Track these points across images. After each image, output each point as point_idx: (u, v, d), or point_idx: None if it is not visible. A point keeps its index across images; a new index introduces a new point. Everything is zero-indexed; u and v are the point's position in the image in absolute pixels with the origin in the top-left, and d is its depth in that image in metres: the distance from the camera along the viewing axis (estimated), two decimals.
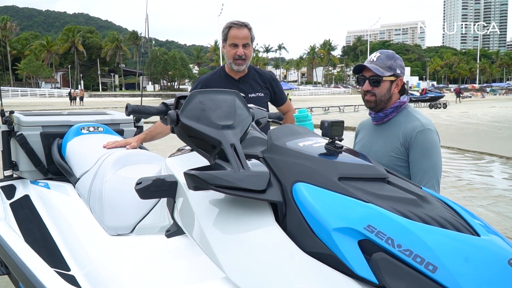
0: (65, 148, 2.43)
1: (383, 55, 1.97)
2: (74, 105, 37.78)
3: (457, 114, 22.32)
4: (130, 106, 1.35)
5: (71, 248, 1.79)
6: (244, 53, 2.55)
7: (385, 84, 1.95)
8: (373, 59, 1.97)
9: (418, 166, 1.88)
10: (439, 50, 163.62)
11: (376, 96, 1.96)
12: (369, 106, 2.01)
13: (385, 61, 1.94)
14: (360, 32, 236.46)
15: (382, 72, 1.92)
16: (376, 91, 1.95)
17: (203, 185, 1.03)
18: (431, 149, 1.88)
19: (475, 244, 0.94)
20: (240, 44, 2.53)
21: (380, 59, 1.95)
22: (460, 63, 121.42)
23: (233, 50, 2.54)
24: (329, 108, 26.25)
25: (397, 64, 1.97)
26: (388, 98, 1.97)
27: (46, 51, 76.56)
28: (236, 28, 2.53)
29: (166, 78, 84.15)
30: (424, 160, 1.87)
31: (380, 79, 1.93)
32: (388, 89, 1.96)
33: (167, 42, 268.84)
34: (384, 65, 1.94)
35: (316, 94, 75.87)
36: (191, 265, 1.19)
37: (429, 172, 1.86)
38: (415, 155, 1.89)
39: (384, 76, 1.93)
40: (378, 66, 1.94)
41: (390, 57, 1.96)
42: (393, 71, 1.95)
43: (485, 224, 1.07)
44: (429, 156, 1.88)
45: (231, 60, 2.57)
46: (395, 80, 1.97)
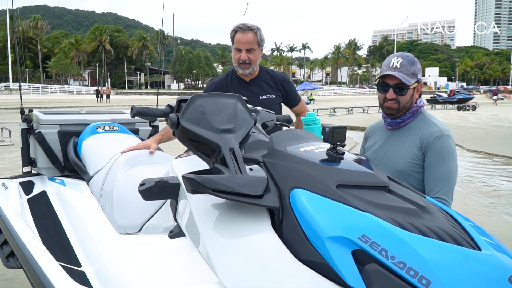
0: (80, 147, 2.48)
1: (405, 60, 1.88)
2: (101, 102, 38.57)
3: (487, 117, 21.69)
4: (135, 108, 1.35)
5: (82, 244, 1.82)
6: (248, 58, 2.52)
7: (410, 92, 1.89)
8: (396, 65, 1.87)
9: (433, 172, 1.83)
10: (469, 50, 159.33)
11: (399, 104, 1.89)
12: (390, 113, 1.94)
13: (408, 67, 1.86)
14: (387, 32, 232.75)
15: (409, 81, 1.85)
16: (400, 99, 1.88)
17: (200, 188, 1.03)
18: (447, 155, 1.84)
19: (474, 258, 0.90)
20: (244, 49, 2.51)
21: (404, 66, 1.86)
22: (492, 64, 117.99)
23: (237, 55, 2.54)
24: (352, 109, 25.92)
25: (418, 69, 1.91)
26: (410, 105, 1.92)
27: (75, 50, 78.66)
28: (240, 32, 2.51)
29: (191, 77, 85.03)
30: (439, 166, 1.82)
31: (407, 88, 1.87)
32: (411, 96, 1.91)
33: (192, 41, 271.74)
34: (409, 72, 1.86)
35: (341, 94, 75.15)
36: (188, 267, 1.19)
37: (444, 179, 1.81)
38: (430, 160, 1.84)
39: (411, 84, 1.86)
40: (403, 73, 1.85)
41: (412, 62, 1.89)
42: (416, 77, 1.89)
43: (491, 238, 1.04)
44: (444, 162, 1.82)
45: (236, 63, 2.57)
46: (417, 86, 1.92)
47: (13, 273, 3.10)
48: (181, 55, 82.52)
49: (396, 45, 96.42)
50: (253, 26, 2.52)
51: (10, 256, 2.20)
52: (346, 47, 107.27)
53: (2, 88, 50.82)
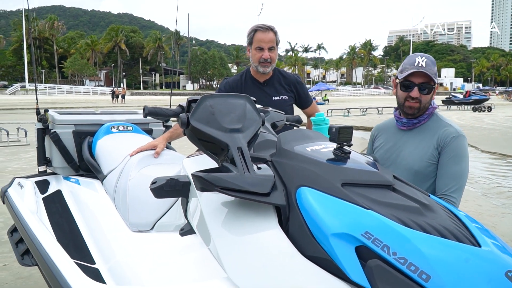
0: (95, 146, 2.53)
1: (429, 60, 1.88)
2: (116, 103, 38.91)
3: (502, 118, 21.34)
4: (147, 108, 1.39)
5: (96, 242, 1.87)
6: (270, 56, 2.57)
7: (432, 92, 1.92)
8: (422, 64, 1.86)
9: (445, 170, 1.86)
10: (486, 51, 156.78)
11: (421, 104, 1.90)
12: (411, 113, 1.94)
13: (432, 67, 1.87)
14: (402, 32, 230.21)
15: (435, 79, 1.87)
16: (422, 98, 1.90)
17: (209, 186, 1.06)
18: (462, 156, 1.87)
19: (474, 254, 0.93)
20: (266, 47, 2.55)
21: (429, 65, 1.86)
22: (509, 65, 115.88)
23: (259, 54, 2.56)
24: (367, 110, 25.74)
25: (436, 70, 1.93)
26: (429, 105, 1.96)
27: (90, 50, 79.56)
28: (261, 31, 2.55)
29: (205, 77, 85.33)
30: (453, 165, 1.86)
31: (432, 87, 1.89)
32: (431, 96, 1.94)
33: (207, 41, 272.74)
34: (433, 72, 1.87)
35: (355, 95, 74.66)
36: (198, 264, 1.22)
37: (456, 178, 1.85)
38: (445, 159, 1.87)
39: (436, 83, 1.90)
40: (429, 72, 1.85)
41: (434, 63, 1.90)
42: (436, 77, 1.91)
43: (491, 235, 1.06)
44: (459, 161, 1.86)
45: (256, 63, 2.59)
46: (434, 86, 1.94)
47: (28, 272, 3.17)
48: (196, 55, 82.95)
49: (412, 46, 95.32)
50: (272, 26, 2.58)
51: (25, 254, 2.27)
52: (361, 47, 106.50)
53: (18, 89, 51.71)
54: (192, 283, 1.17)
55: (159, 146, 2.21)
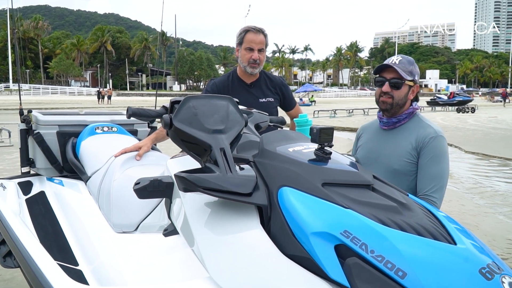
0: (79, 147, 2.51)
1: (405, 59, 1.98)
2: (102, 103, 38.58)
3: (485, 119, 21.72)
4: (131, 109, 1.39)
5: (80, 244, 1.86)
6: (259, 58, 2.60)
7: (405, 89, 1.96)
8: (395, 61, 1.96)
9: (426, 171, 1.89)
10: (469, 53, 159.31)
11: (394, 99, 1.96)
12: (384, 107, 2.01)
13: (407, 65, 1.95)
14: (388, 34, 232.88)
15: (405, 76, 1.93)
16: (395, 94, 1.96)
17: (191, 187, 1.07)
18: (441, 156, 1.91)
19: (449, 252, 0.96)
20: (256, 48, 2.58)
21: (402, 63, 1.95)
22: (491, 67, 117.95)
23: (249, 54, 2.58)
24: (353, 111, 25.95)
25: (416, 71, 1.99)
26: (404, 103, 1.99)
27: (76, 50, 78.65)
28: (253, 32, 2.57)
29: (192, 78, 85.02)
30: (433, 166, 1.89)
31: (402, 82, 1.94)
32: (406, 94, 1.97)
33: (194, 42, 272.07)
34: (406, 69, 1.95)
35: (342, 96, 75.18)
36: (181, 264, 1.23)
37: (436, 178, 1.88)
38: (424, 159, 1.91)
39: (407, 80, 1.94)
40: (401, 69, 1.94)
41: (411, 63, 1.98)
42: (413, 76, 1.96)
43: (467, 233, 1.09)
44: (438, 162, 1.89)
45: (246, 63, 2.61)
46: (413, 86, 1.99)
47: (10, 274, 3.12)
48: (183, 56, 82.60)
49: (397, 48, 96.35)
50: (263, 29, 2.61)
51: (8, 256, 2.24)
52: (348, 49, 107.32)
53: (2, 89, 50.86)
54: (175, 283, 1.17)
55: (143, 148, 2.21)
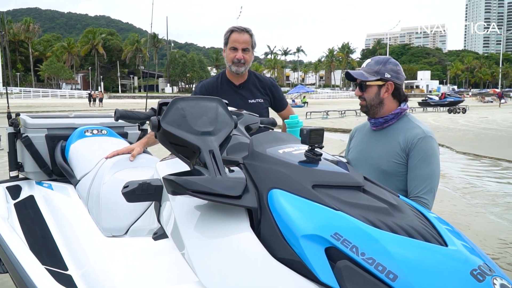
0: (68, 150, 2.48)
1: (373, 61, 2.01)
2: (94, 106, 38.34)
3: (476, 120, 21.91)
4: (118, 111, 1.37)
5: (69, 248, 1.84)
6: (243, 58, 2.59)
7: (372, 89, 1.98)
8: (363, 65, 2.02)
9: (416, 172, 1.88)
10: (460, 54, 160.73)
11: (366, 101, 2.00)
12: (363, 111, 2.06)
13: (373, 66, 1.98)
14: (380, 35, 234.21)
15: (366, 77, 1.96)
16: (365, 95, 2.00)
17: (180, 190, 1.05)
18: (431, 157, 1.89)
19: (440, 254, 0.95)
20: (240, 48, 2.57)
21: (369, 65, 2.00)
22: (482, 67, 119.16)
23: (233, 54, 2.58)
24: (345, 112, 26.06)
25: (387, 69, 1.97)
26: (378, 102, 1.99)
27: (67, 53, 78.29)
28: (237, 32, 2.58)
29: (184, 80, 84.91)
30: (423, 167, 1.87)
31: (364, 84, 1.98)
32: (376, 93, 1.98)
33: (186, 44, 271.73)
34: (371, 70, 1.97)
35: (334, 97, 75.45)
36: (171, 268, 1.21)
37: (427, 179, 1.86)
38: (414, 161, 1.89)
39: (368, 80, 1.96)
40: (364, 71, 1.98)
41: (380, 62, 1.98)
42: (380, 75, 1.96)
43: (459, 234, 1.08)
44: (428, 163, 1.88)
45: (230, 62, 2.61)
46: (384, 84, 1.97)
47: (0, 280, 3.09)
48: (175, 58, 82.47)
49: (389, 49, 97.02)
50: (248, 29, 2.61)
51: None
52: (340, 50, 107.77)
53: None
54: (165, 287, 1.16)
55: (136, 149, 2.19)
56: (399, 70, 2.00)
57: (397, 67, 1.99)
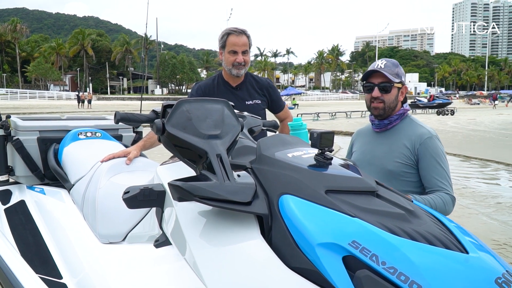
0: (61, 154, 2.42)
1: (389, 62, 1.99)
2: (82, 108, 37.97)
3: (465, 121, 22.16)
4: (119, 114, 1.33)
5: (63, 255, 1.78)
6: (244, 60, 2.56)
7: (394, 91, 1.97)
8: (380, 66, 1.97)
9: (434, 172, 1.91)
10: (447, 56, 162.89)
11: (385, 103, 1.97)
12: (377, 113, 2.01)
13: (392, 68, 1.97)
14: (368, 38, 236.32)
15: (393, 78, 1.94)
16: (385, 97, 1.97)
17: (187, 196, 1.01)
18: (442, 155, 1.94)
19: (463, 262, 0.91)
20: (240, 51, 2.54)
21: (388, 66, 1.97)
22: (469, 70, 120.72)
23: (233, 57, 2.55)
24: (336, 114, 26.16)
25: (402, 72, 2.01)
26: (395, 105, 2.00)
27: (55, 54, 77.39)
28: (235, 35, 2.54)
29: (174, 82, 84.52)
30: (439, 165, 1.91)
31: (391, 85, 1.95)
32: (396, 96, 1.98)
33: (176, 46, 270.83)
34: (393, 72, 1.96)
35: (324, 99, 75.83)
36: (175, 276, 1.17)
37: (445, 176, 1.91)
38: (428, 162, 1.92)
39: (395, 82, 1.95)
40: (387, 72, 1.95)
41: (396, 65, 2.00)
42: (400, 78, 1.98)
43: (476, 240, 1.05)
44: (442, 161, 1.92)
45: (230, 66, 2.57)
46: (401, 88, 2.00)
47: None
48: (165, 60, 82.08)
49: (378, 51, 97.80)
50: (245, 30, 2.57)
51: None
52: (329, 52, 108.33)
53: None
54: None
55: (133, 152, 2.13)
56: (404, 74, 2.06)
57: (403, 71, 2.04)
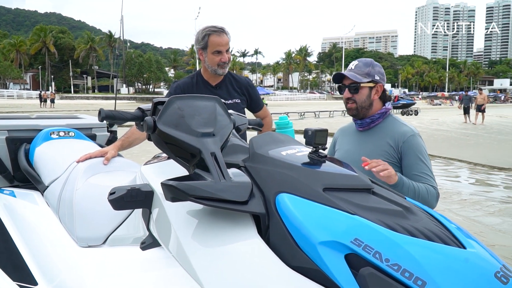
0: (33, 154, 2.32)
1: (361, 62, 2.03)
2: (45, 107, 36.74)
3: (428, 121, 22.87)
4: (104, 112, 1.28)
5: (38, 260, 1.71)
6: (228, 58, 2.56)
7: (364, 91, 2.00)
8: (351, 67, 2.03)
9: (418, 169, 1.94)
10: (410, 58, 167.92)
11: (357, 103, 2.01)
12: (352, 113, 2.05)
13: (362, 68, 2.00)
14: (335, 39, 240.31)
15: (360, 79, 1.97)
16: (356, 98, 2.00)
17: (181, 196, 0.98)
18: (425, 152, 1.98)
19: (462, 257, 0.92)
20: (224, 50, 2.52)
21: (358, 67, 2.01)
22: (431, 72, 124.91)
23: (218, 57, 2.52)
24: (304, 114, 26.45)
25: (376, 71, 2.02)
26: (369, 104, 2.02)
27: (15, 51, 74.50)
28: (216, 34, 2.50)
29: (141, 81, 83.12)
30: (422, 163, 1.95)
31: (358, 86, 1.98)
32: (367, 95, 2.00)
33: (142, 44, 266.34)
34: (362, 72, 1.99)
35: (292, 99, 76.46)
36: (166, 279, 1.13)
37: (429, 173, 1.94)
38: (412, 159, 1.95)
39: (362, 82, 1.98)
40: (356, 73, 1.99)
41: (368, 64, 2.02)
42: (371, 77, 1.99)
43: (470, 236, 1.05)
44: (425, 158, 1.96)
45: (215, 66, 2.54)
46: (374, 86, 2.01)
47: None
48: (131, 58, 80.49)
49: (344, 52, 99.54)
50: (223, 27, 2.54)
51: None
52: (297, 53, 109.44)
53: None
54: None
55: (110, 151, 2.07)
56: (383, 73, 2.06)
57: (382, 70, 2.05)
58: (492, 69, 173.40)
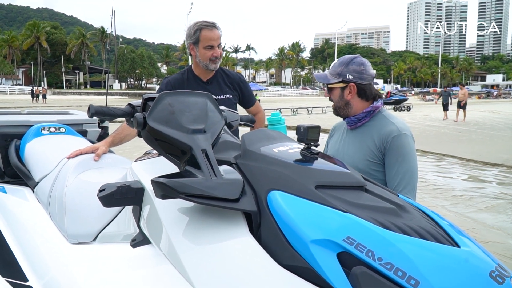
0: (23, 150, 2.31)
1: (338, 62, 1.99)
2: (37, 103, 36.62)
3: (420, 117, 22.99)
4: (93, 107, 1.26)
5: (29, 257, 1.69)
6: (220, 53, 2.56)
7: (336, 91, 1.99)
8: (330, 67, 2.03)
9: (394, 171, 1.86)
10: (403, 54, 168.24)
11: (334, 103, 2.02)
12: (335, 113, 2.07)
13: (336, 68, 1.97)
14: (328, 35, 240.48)
15: (328, 80, 1.98)
16: (332, 97, 2.02)
17: (172, 193, 0.97)
18: (407, 154, 1.86)
19: (456, 256, 0.90)
20: (216, 45, 2.51)
21: (333, 66, 2.00)
22: (423, 67, 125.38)
23: (209, 52, 2.51)
24: (297, 109, 26.47)
25: (349, 70, 1.93)
26: (344, 104, 1.98)
27: (7, 47, 73.73)
28: (208, 29, 2.49)
29: (133, 77, 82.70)
30: (401, 165, 1.85)
31: (328, 86, 2.01)
32: (340, 95, 1.98)
33: (134, 40, 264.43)
34: (334, 72, 1.97)
35: (285, 95, 76.45)
36: (156, 277, 1.11)
37: (406, 177, 1.84)
38: (391, 160, 1.87)
39: (329, 83, 1.98)
40: (331, 73, 1.98)
41: (343, 64, 1.95)
42: (342, 77, 1.94)
43: (464, 235, 1.04)
44: (405, 161, 1.85)
45: (207, 61, 2.53)
46: (346, 86, 1.96)
47: None
48: (123, 54, 79.99)
49: (337, 48, 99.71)
50: (215, 22, 2.53)
51: None
52: (290, 49, 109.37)
53: None
54: None
55: (101, 148, 2.05)
56: (363, 70, 1.94)
57: (361, 67, 1.94)
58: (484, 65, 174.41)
